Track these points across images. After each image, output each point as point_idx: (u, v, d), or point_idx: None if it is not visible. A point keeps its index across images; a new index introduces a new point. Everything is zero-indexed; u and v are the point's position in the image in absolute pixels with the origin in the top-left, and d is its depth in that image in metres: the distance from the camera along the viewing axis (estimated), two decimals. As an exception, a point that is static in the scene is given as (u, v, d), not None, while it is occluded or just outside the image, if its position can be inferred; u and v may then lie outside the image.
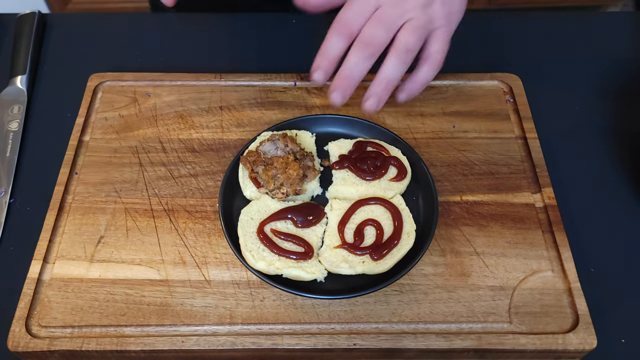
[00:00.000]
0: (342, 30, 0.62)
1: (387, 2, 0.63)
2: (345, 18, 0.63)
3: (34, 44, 0.94)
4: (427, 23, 0.64)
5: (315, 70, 0.63)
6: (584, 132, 0.86)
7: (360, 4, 0.63)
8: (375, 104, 0.63)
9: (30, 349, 0.63)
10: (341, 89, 0.63)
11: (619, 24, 1.02)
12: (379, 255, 0.66)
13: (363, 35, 0.62)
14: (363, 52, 0.62)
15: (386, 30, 0.62)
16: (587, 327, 0.64)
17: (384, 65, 0.63)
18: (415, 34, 0.63)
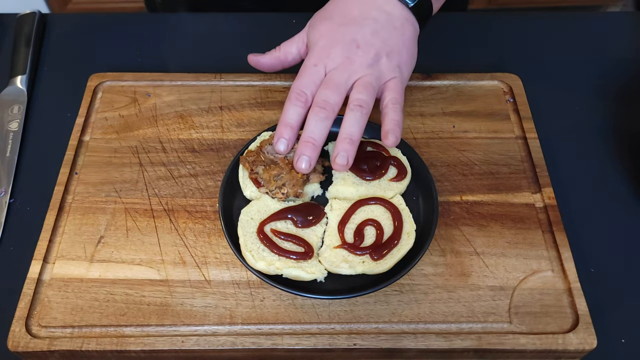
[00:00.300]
0: (297, 99, 0.67)
1: (334, 67, 0.68)
2: (298, 88, 0.67)
3: (34, 44, 0.94)
4: (377, 79, 0.68)
5: (278, 139, 0.67)
6: (584, 132, 0.86)
7: (310, 73, 0.68)
8: (345, 159, 0.65)
9: (30, 349, 0.63)
10: (307, 155, 0.65)
11: (619, 24, 1.02)
12: (379, 255, 0.66)
13: (317, 100, 0.66)
14: (319, 114, 0.65)
15: (337, 92, 0.66)
16: (587, 327, 0.64)
17: (343, 123, 0.66)
18: (366, 90, 0.67)
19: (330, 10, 0.73)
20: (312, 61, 0.69)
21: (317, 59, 0.69)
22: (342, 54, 0.68)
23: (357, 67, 0.68)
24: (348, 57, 0.68)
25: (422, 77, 0.88)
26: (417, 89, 0.87)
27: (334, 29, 0.70)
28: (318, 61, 0.68)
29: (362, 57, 0.68)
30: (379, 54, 0.69)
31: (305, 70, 0.69)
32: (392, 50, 0.69)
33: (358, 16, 0.70)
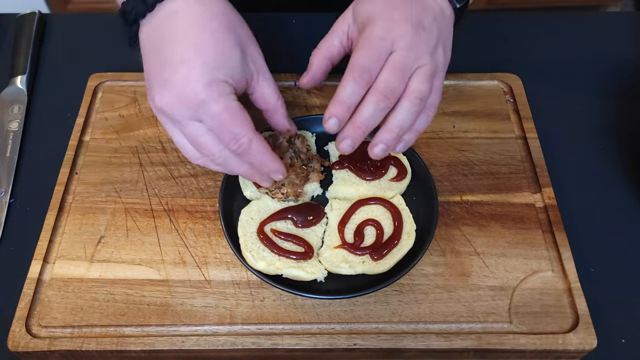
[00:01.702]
0: (360, 77, 0.59)
1: (401, 47, 0.60)
2: (362, 64, 0.59)
3: (34, 44, 0.94)
4: (434, 70, 0.62)
5: (329, 118, 0.60)
6: (584, 132, 0.86)
7: (377, 47, 0.60)
8: (384, 152, 0.61)
9: (30, 349, 0.63)
10: (353, 139, 0.60)
11: (619, 24, 1.02)
12: (379, 255, 0.66)
13: (380, 86, 0.59)
14: (380, 103, 0.59)
15: (402, 79, 0.60)
16: (587, 327, 0.64)
17: (397, 112, 0.60)
18: (428, 82, 0.61)
19: None
20: (380, 33, 0.60)
21: (386, 31, 0.60)
22: (410, 34, 0.60)
23: (422, 52, 0.61)
24: (415, 39, 0.61)
25: (422, 77, 0.88)
26: (417, 89, 0.87)
27: (397, 4, 0.62)
28: (386, 34, 0.60)
29: (427, 42, 0.61)
30: (438, 42, 0.63)
31: (371, 44, 0.60)
32: (445, 43, 0.64)
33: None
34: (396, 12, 0.61)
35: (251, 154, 0.61)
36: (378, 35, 0.60)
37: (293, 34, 0.98)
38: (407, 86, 0.61)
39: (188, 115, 0.59)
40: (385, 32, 0.60)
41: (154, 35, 0.61)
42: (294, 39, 0.97)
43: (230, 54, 0.61)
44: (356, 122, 0.60)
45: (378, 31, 0.60)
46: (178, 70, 0.58)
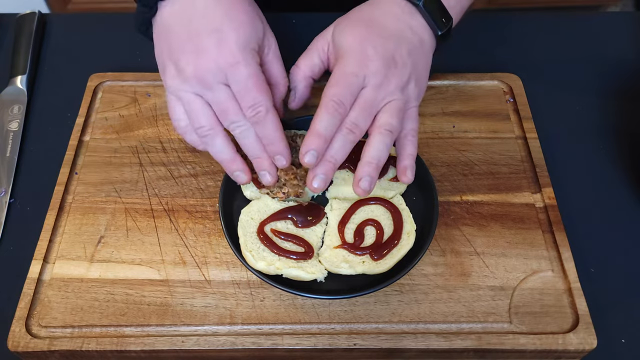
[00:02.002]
0: (336, 110, 0.62)
1: (372, 83, 0.63)
2: (338, 97, 0.62)
3: (34, 44, 0.94)
4: (405, 104, 0.66)
5: (307, 151, 0.61)
6: (584, 132, 0.86)
7: (351, 83, 0.63)
8: (369, 184, 0.63)
9: (30, 349, 0.63)
10: (325, 174, 0.63)
11: (619, 24, 1.02)
12: (379, 255, 0.66)
13: (349, 121, 0.62)
14: (348, 136, 0.62)
15: (369, 115, 0.63)
16: (587, 327, 0.64)
17: (370, 146, 0.63)
18: (398, 116, 0.64)
19: (364, 17, 0.68)
20: (353, 69, 0.63)
21: (359, 68, 0.63)
22: (383, 71, 0.64)
23: (393, 88, 0.64)
24: (386, 76, 0.64)
25: (422, 77, 0.88)
26: (417, 89, 0.87)
27: (373, 38, 0.65)
28: (359, 71, 0.63)
29: (398, 78, 0.65)
30: (410, 77, 0.66)
31: (345, 79, 0.63)
32: (419, 76, 0.67)
33: (395, 32, 0.66)
34: (370, 47, 0.64)
35: (266, 125, 0.64)
36: (351, 72, 0.63)
37: (293, 34, 0.98)
38: (376, 119, 0.64)
39: (220, 78, 0.63)
40: (358, 68, 0.63)
41: (181, 11, 0.65)
42: (294, 39, 0.97)
43: (256, 25, 0.66)
44: (326, 156, 0.63)
45: (352, 67, 0.63)
46: (212, 36, 0.62)
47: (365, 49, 0.64)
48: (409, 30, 0.67)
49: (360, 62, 0.64)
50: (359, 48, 0.65)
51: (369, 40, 0.65)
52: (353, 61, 0.64)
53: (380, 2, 0.69)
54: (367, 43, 0.65)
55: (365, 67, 0.63)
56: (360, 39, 0.65)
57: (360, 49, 0.65)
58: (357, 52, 0.65)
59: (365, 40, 0.65)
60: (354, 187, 0.64)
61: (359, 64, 0.64)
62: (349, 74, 0.63)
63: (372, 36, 0.65)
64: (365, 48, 0.64)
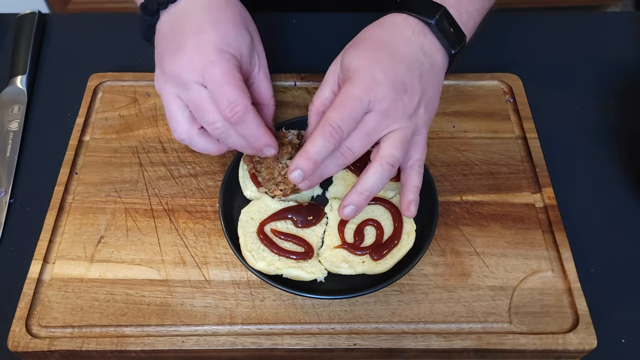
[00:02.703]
0: (332, 136, 0.58)
1: (376, 109, 0.60)
2: (337, 122, 0.58)
3: (34, 44, 0.93)
4: (412, 133, 0.62)
5: (295, 169, 0.59)
6: (584, 132, 0.86)
7: (353, 107, 0.59)
8: (353, 213, 0.61)
9: (30, 349, 0.63)
10: (311, 183, 0.62)
11: (619, 24, 1.02)
12: (379, 255, 0.66)
13: (346, 145, 0.60)
14: (337, 160, 0.60)
15: (367, 143, 0.60)
16: (587, 327, 0.64)
17: (367, 176, 0.60)
18: (402, 147, 0.61)
19: (374, 39, 0.64)
20: (358, 93, 0.59)
21: (364, 92, 0.59)
22: (390, 97, 0.60)
23: (399, 116, 0.61)
24: (394, 102, 0.60)
25: (422, 77, 0.88)
26: (417, 89, 0.87)
27: (383, 61, 0.61)
28: (364, 96, 0.59)
29: (406, 105, 0.61)
30: (420, 103, 0.62)
31: (348, 102, 0.59)
32: (429, 101, 0.64)
33: (406, 55, 0.62)
34: (379, 71, 0.60)
35: (247, 124, 0.62)
36: (356, 95, 0.59)
37: (293, 34, 0.98)
38: (380, 148, 0.61)
39: (195, 77, 0.61)
40: (363, 92, 0.59)
41: (174, 17, 0.65)
42: (294, 39, 0.97)
43: (243, 37, 0.65)
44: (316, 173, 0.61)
45: (357, 91, 0.59)
46: (194, 37, 0.62)
47: (374, 72, 0.60)
48: (420, 53, 0.63)
49: (367, 86, 0.60)
50: (367, 71, 0.61)
51: (379, 63, 0.61)
52: (359, 84, 0.60)
53: (390, 23, 0.65)
54: (376, 66, 0.61)
55: (371, 92, 0.59)
56: (369, 62, 0.61)
57: (368, 73, 0.60)
58: (364, 75, 0.60)
59: (374, 64, 0.61)
60: (338, 208, 0.63)
61: (365, 88, 0.60)
62: (353, 98, 0.59)
63: (382, 59, 0.62)
64: (374, 72, 0.60)
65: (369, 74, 0.60)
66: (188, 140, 0.65)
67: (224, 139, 0.64)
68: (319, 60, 0.74)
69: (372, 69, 0.61)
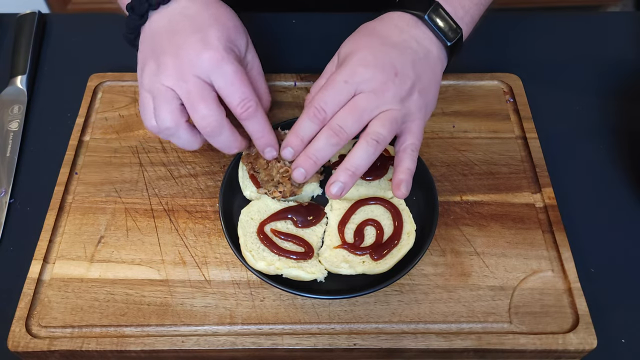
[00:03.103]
0: (315, 116, 0.61)
1: (366, 89, 0.61)
2: (320, 103, 0.61)
3: (34, 44, 0.94)
4: (403, 116, 0.63)
5: (285, 147, 0.63)
6: (584, 132, 0.86)
7: (338, 89, 0.61)
8: (340, 191, 0.61)
9: (30, 349, 0.63)
10: (305, 168, 0.62)
11: (619, 24, 1.02)
12: (379, 255, 0.66)
13: (333, 123, 0.61)
14: (330, 139, 0.61)
15: (359, 121, 0.61)
16: (587, 327, 0.64)
17: (353, 153, 0.61)
18: (390, 126, 0.61)
19: (367, 31, 0.67)
20: (344, 77, 0.62)
21: (350, 76, 0.62)
22: (379, 79, 0.62)
23: (390, 98, 0.62)
24: (384, 84, 0.62)
25: (422, 77, 0.88)
26: (417, 89, 0.87)
27: (374, 45, 0.64)
28: (350, 78, 0.62)
29: (397, 88, 0.62)
30: (413, 88, 0.63)
31: (333, 85, 0.62)
32: (424, 88, 0.65)
33: (399, 42, 0.65)
34: (369, 55, 0.63)
35: (257, 119, 0.64)
36: (342, 79, 0.62)
37: (293, 34, 0.98)
38: (367, 127, 0.62)
39: (199, 72, 0.62)
40: (349, 76, 0.62)
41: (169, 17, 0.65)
42: (294, 39, 0.97)
43: (241, 36, 0.67)
44: (307, 152, 0.62)
45: (344, 74, 0.62)
46: (196, 35, 0.63)
47: (364, 56, 0.63)
48: (414, 42, 0.65)
49: (355, 68, 0.62)
50: (357, 55, 0.63)
51: (369, 48, 0.64)
52: (347, 68, 0.62)
53: (384, 17, 0.68)
54: (366, 50, 0.63)
55: (358, 74, 0.62)
56: (361, 47, 0.64)
57: (358, 56, 0.63)
58: (354, 59, 0.63)
59: (364, 48, 0.64)
60: (325, 188, 0.63)
61: (352, 70, 0.62)
62: (339, 81, 0.62)
63: (373, 44, 0.64)
64: (364, 55, 0.63)
65: (358, 57, 0.63)
66: (175, 129, 0.64)
67: (214, 135, 0.64)
68: (319, 60, 0.74)
69: (362, 53, 0.63)
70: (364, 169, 0.62)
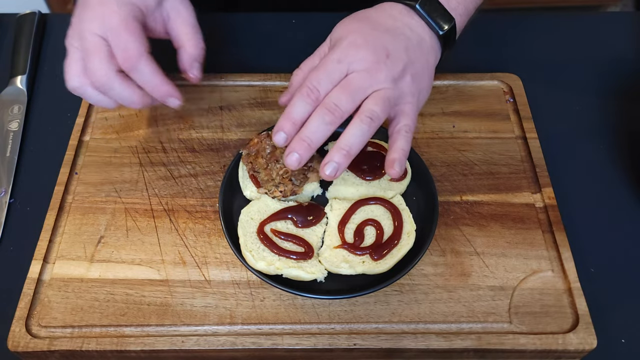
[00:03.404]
0: (308, 95, 0.61)
1: (358, 69, 0.62)
2: (312, 82, 0.61)
3: (34, 44, 0.94)
4: (396, 97, 0.63)
5: (277, 132, 0.61)
6: (584, 132, 0.86)
7: (330, 69, 0.62)
8: (334, 171, 0.60)
9: (30, 349, 0.63)
10: (299, 153, 0.60)
11: (619, 24, 1.02)
12: (379, 255, 0.66)
13: (327, 101, 0.61)
14: (324, 117, 0.60)
15: (352, 99, 0.61)
16: (587, 327, 0.64)
17: (346, 132, 0.61)
18: (383, 104, 0.61)
19: (360, 17, 0.68)
20: (336, 56, 0.62)
21: (343, 55, 0.62)
22: (371, 59, 0.62)
23: (382, 77, 0.62)
24: (376, 64, 0.62)
25: (422, 77, 0.88)
26: (417, 89, 0.87)
27: (365, 30, 0.64)
28: (343, 58, 0.62)
29: (389, 68, 0.62)
30: (405, 70, 0.64)
31: (325, 65, 0.62)
32: (417, 73, 0.65)
33: (391, 28, 0.65)
34: (360, 37, 0.63)
35: (142, 70, 0.65)
36: (334, 58, 0.62)
37: (293, 34, 0.98)
38: (361, 106, 0.62)
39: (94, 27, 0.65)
40: (342, 55, 0.62)
41: None
42: (294, 39, 0.97)
43: None
44: (301, 135, 0.61)
45: (337, 54, 0.62)
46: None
47: (356, 38, 0.63)
48: (406, 29, 0.66)
49: (347, 50, 0.63)
50: (349, 37, 0.64)
51: (361, 31, 0.64)
52: (339, 49, 0.63)
53: (377, 6, 0.69)
54: (357, 33, 0.64)
55: (350, 55, 0.62)
56: (353, 30, 0.65)
57: (350, 38, 0.64)
58: (346, 41, 0.63)
59: (357, 31, 0.64)
60: (320, 168, 0.62)
61: (344, 51, 0.62)
62: (331, 61, 0.62)
63: (365, 28, 0.65)
64: (356, 37, 0.64)
65: (350, 39, 0.63)
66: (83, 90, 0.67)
67: (107, 90, 0.66)
68: (319, 60, 0.74)
69: (354, 35, 0.64)
70: (359, 148, 0.61)
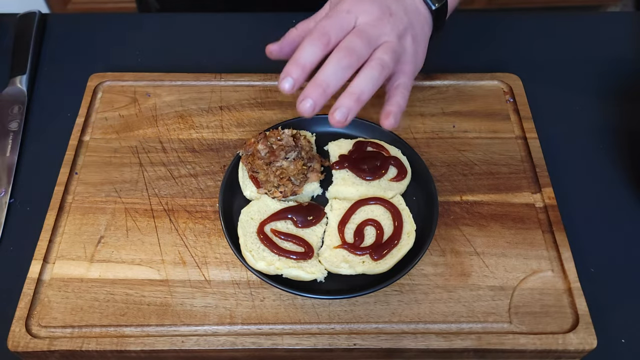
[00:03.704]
0: (319, 39, 0.59)
1: (366, 21, 0.62)
2: (323, 28, 0.60)
3: (34, 44, 0.94)
4: (400, 54, 0.64)
5: (284, 77, 0.57)
6: (584, 132, 0.86)
7: (341, 17, 0.61)
8: (344, 117, 0.58)
9: (30, 349, 0.63)
10: (313, 98, 0.57)
11: (619, 24, 1.02)
12: (379, 255, 0.66)
13: (344, 44, 0.59)
14: (342, 60, 0.58)
15: (367, 44, 0.60)
16: (587, 327, 0.64)
17: (358, 77, 0.60)
18: (391, 54, 0.62)
19: None
20: (346, 7, 0.62)
21: (352, 5, 0.62)
22: (377, 13, 0.62)
23: (389, 30, 0.63)
24: (381, 19, 0.62)
25: (422, 77, 0.88)
26: (417, 89, 0.87)
27: None
28: (352, 8, 0.62)
29: (394, 25, 0.63)
30: (407, 30, 0.65)
31: (335, 14, 0.62)
32: (416, 35, 0.66)
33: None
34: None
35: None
36: (344, 9, 0.62)
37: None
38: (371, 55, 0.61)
39: None
40: (351, 5, 0.62)
41: None
42: (294, 39, 0.97)
43: None
44: (317, 79, 0.58)
45: (345, 5, 0.62)
46: None
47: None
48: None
49: (354, 2, 0.62)
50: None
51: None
52: (347, 1, 0.63)
53: None
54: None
55: (359, 7, 0.62)
56: None
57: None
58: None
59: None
60: (329, 116, 0.59)
61: (352, 2, 0.62)
62: (341, 10, 0.62)
63: None
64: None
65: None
66: None
67: None
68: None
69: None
70: (369, 94, 0.60)
